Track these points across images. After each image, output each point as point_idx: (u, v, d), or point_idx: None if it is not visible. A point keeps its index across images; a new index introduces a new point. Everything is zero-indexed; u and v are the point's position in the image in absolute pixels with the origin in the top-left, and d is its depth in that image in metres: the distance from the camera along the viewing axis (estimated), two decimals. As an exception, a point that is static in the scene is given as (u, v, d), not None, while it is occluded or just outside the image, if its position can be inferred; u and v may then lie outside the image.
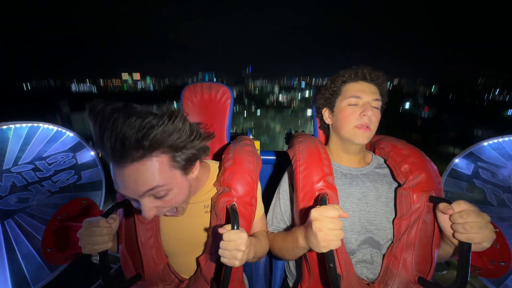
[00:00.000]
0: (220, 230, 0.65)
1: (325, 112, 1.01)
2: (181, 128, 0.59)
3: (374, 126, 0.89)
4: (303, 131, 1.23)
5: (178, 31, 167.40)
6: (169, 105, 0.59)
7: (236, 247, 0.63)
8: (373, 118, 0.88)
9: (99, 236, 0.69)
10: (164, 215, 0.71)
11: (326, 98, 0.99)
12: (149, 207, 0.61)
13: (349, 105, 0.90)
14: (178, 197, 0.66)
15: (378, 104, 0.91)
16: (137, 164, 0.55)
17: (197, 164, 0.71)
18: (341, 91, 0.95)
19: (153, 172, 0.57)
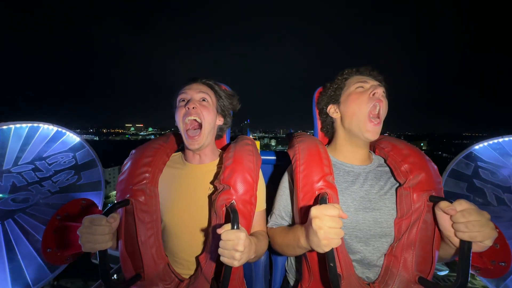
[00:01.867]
0: (218, 231, 0.65)
1: (331, 109, 1.00)
2: (225, 93, 1.05)
3: (383, 113, 0.88)
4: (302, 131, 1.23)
5: (178, 83, 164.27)
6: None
7: (234, 246, 0.63)
8: (383, 99, 0.86)
9: (100, 235, 0.69)
10: (188, 136, 0.91)
11: (330, 95, 0.99)
12: (195, 100, 0.92)
13: (356, 88, 0.90)
14: (209, 111, 0.94)
15: (384, 91, 0.90)
16: (202, 83, 0.99)
17: (221, 120, 1.05)
18: (344, 84, 0.96)
19: (206, 89, 0.98)
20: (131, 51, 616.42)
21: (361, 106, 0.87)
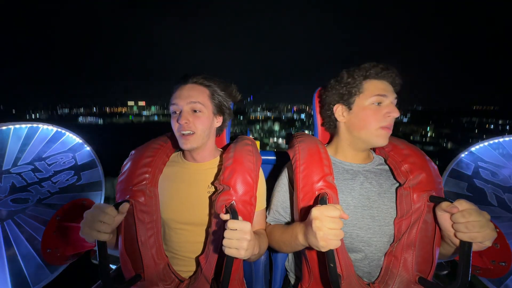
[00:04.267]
0: (223, 217, 0.64)
1: (338, 109, 0.93)
2: (221, 86, 0.97)
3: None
4: (304, 131, 1.23)
5: (179, 59, 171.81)
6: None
7: (242, 235, 0.62)
8: (395, 115, 0.85)
9: (103, 222, 0.69)
10: (183, 137, 0.89)
11: (342, 94, 0.91)
12: (186, 113, 0.89)
13: (373, 103, 0.86)
14: (203, 120, 0.91)
15: (397, 99, 0.89)
16: (194, 83, 0.93)
17: (220, 119, 0.99)
18: (362, 88, 0.87)
19: (198, 92, 0.91)
20: (131, 27, 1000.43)
21: (373, 124, 0.85)
